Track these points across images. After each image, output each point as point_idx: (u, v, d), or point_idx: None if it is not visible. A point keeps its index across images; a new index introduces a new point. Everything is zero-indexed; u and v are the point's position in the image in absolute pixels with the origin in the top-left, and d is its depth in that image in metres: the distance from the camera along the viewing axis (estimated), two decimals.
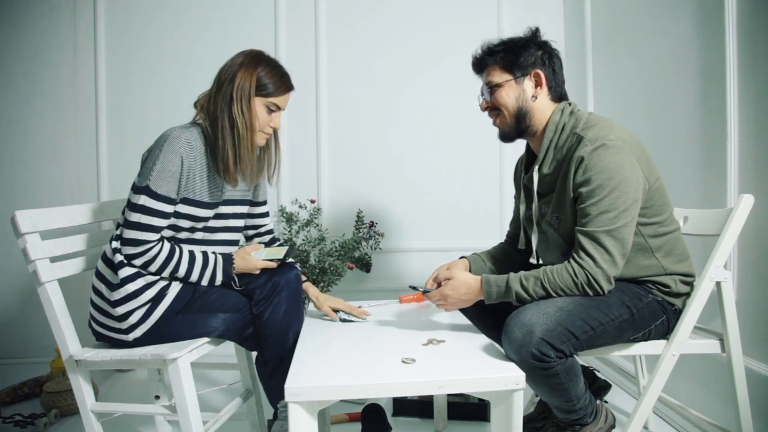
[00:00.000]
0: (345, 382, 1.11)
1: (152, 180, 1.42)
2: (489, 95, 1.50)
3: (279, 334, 1.51)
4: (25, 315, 2.64)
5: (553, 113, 1.47)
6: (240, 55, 1.54)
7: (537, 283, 1.34)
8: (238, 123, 1.48)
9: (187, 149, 1.45)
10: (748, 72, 1.62)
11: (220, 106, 1.49)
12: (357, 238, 2.53)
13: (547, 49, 1.49)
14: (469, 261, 1.66)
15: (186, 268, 1.50)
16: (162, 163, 1.42)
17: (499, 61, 1.48)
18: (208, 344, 1.53)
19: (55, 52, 2.73)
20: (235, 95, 1.48)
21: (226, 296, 1.55)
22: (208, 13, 2.77)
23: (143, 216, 1.42)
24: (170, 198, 1.45)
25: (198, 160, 1.48)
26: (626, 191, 1.31)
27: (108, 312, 1.46)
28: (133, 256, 1.44)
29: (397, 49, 2.78)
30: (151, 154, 1.46)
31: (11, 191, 2.71)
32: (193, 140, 1.47)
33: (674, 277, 1.43)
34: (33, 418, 2.01)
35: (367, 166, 2.80)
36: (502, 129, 1.52)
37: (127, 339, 1.46)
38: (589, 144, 1.34)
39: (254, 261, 1.56)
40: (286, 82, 1.56)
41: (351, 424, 1.93)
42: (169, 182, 1.43)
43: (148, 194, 1.42)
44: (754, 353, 1.60)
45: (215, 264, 1.54)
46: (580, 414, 1.40)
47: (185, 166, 1.45)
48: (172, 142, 1.43)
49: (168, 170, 1.42)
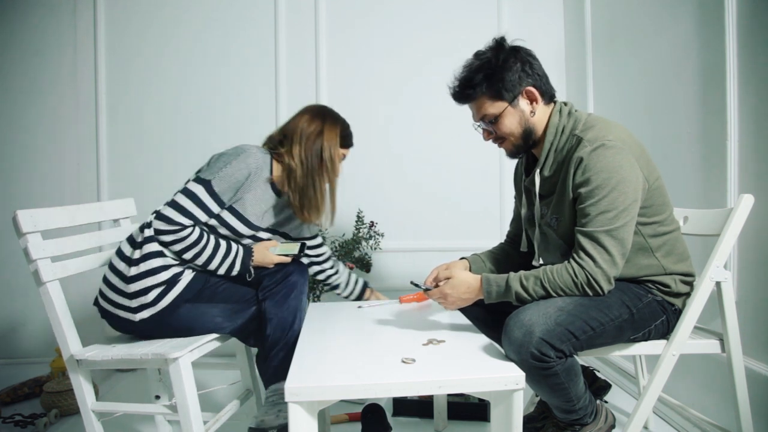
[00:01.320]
0: (345, 382, 1.11)
1: (216, 178, 1.52)
2: (491, 127, 1.47)
3: (280, 320, 1.56)
4: (25, 315, 2.64)
5: (551, 116, 1.46)
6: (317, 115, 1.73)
7: (537, 283, 1.34)
8: (329, 168, 1.69)
9: (256, 166, 1.56)
10: (748, 72, 1.62)
11: (310, 153, 1.65)
12: (357, 238, 2.53)
13: (522, 57, 1.43)
14: (469, 262, 1.66)
15: (209, 255, 1.56)
16: (232, 168, 1.52)
17: (486, 91, 1.42)
18: (211, 342, 1.54)
19: (55, 52, 2.73)
20: (325, 144, 1.68)
21: (235, 289, 1.62)
22: (208, 13, 2.77)
23: (191, 203, 1.51)
24: (221, 200, 1.54)
25: (261, 181, 1.59)
26: (625, 191, 1.31)
27: (121, 289, 1.50)
28: (163, 232, 1.50)
29: (398, 49, 2.78)
30: (224, 156, 1.55)
31: (11, 191, 2.72)
32: (265, 162, 1.60)
33: (674, 276, 1.43)
34: (33, 418, 2.01)
35: (367, 166, 2.79)
36: (510, 151, 1.51)
37: (133, 318, 1.49)
38: (588, 145, 1.34)
39: (271, 255, 1.66)
40: (352, 135, 1.80)
41: (351, 424, 1.93)
42: (228, 186, 1.53)
43: (206, 187, 1.52)
44: (754, 353, 1.60)
45: (236, 255, 1.61)
46: (580, 414, 1.40)
47: (248, 181, 1.55)
48: (248, 156, 1.55)
49: (233, 176, 1.53)
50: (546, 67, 1.48)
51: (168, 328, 1.52)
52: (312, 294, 2.45)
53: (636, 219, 1.35)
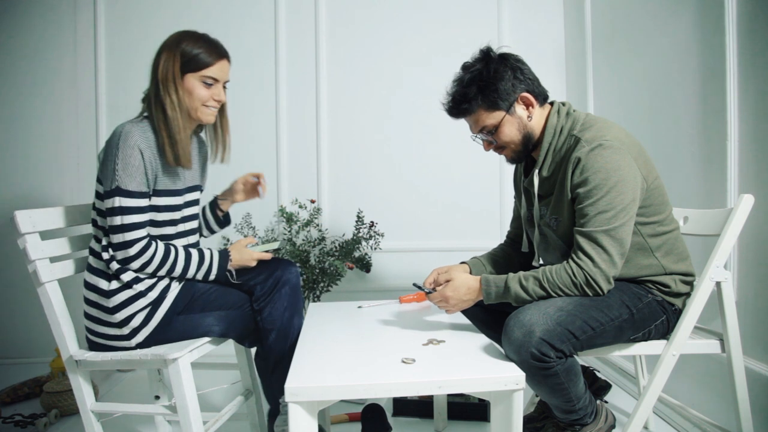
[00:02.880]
0: (345, 382, 1.11)
1: (119, 179, 1.39)
2: (490, 137, 1.47)
3: (280, 330, 1.52)
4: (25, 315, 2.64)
5: (549, 117, 1.46)
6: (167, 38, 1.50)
7: (536, 283, 1.34)
8: (167, 106, 1.45)
9: (142, 141, 1.41)
10: (748, 72, 1.62)
11: (152, 94, 1.48)
12: (357, 238, 2.53)
13: (512, 65, 1.43)
14: (470, 266, 1.65)
15: (183, 266, 1.49)
16: (123, 160, 1.39)
17: (482, 104, 1.42)
18: (208, 344, 1.53)
19: (55, 52, 2.73)
20: (160, 78, 1.45)
21: (227, 294, 1.55)
22: (208, 13, 2.77)
23: (124, 217, 1.40)
24: (142, 192, 1.43)
25: (154, 150, 1.45)
26: (623, 191, 1.31)
27: (106, 321, 1.44)
28: (128, 260, 1.42)
29: (398, 50, 2.78)
30: (108, 154, 1.41)
31: (11, 191, 2.71)
32: (145, 131, 1.44)
33: (674, 276, 1.43)
34: (33, 418, 2.01)
35: (367, 166, 2.80)
36: (511, 158, 1.52)
37: (129, 345, 1.45)
38: (586, 145, 1.34)
39: (250, 252, 1.57)
40: (215, 50, 1.50)
41: (351, 424, 1.93)
42: (136, 177, 1.40)
43: (120, 194, 1.39)
44: (754, 353, 1.60)
45: (211, 260, 1.54)
46: (580, 414, 1.40)
47: (146, 158, 1.42)
48: (126, 137, 1.40)
49: (131, 165, 1.39)
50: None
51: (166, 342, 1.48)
52: (312, 294, 2.45)
53: (635, 219, 1.35)
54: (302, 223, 2.65)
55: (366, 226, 2.58)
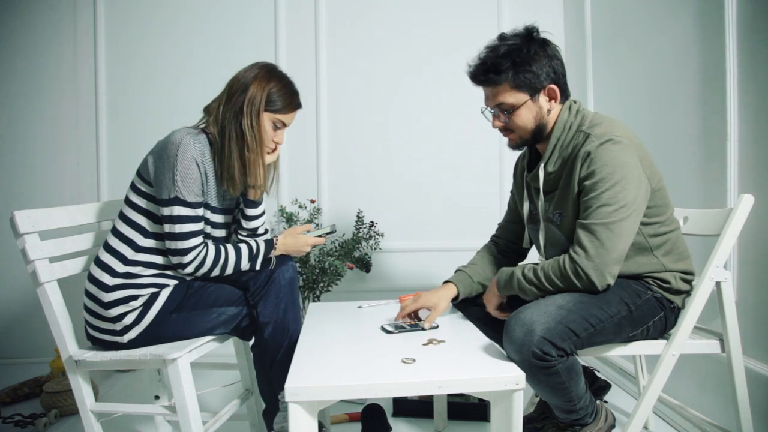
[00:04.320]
0: (345, 382, 1.11)
1: (180, 189, 1.44)
2: (505, 117, 1.44)
3: (276, 323, 1.53)
4: (25, 315, 2.64)
5: (561, 112, 1.46)
6: (254, 68, 1.54)
7: (531, 270, 1.38)
8: (248, 136, 1.50)
9: (199, 155, 1.47)
10: (748, 72, 1.62)
11: (229, 115, 1.51)
12: (357, 238, 2.53)
13: (551, 53, 1.41)
14: (456, 284, 1.62)
15: (233, 263, 1.54)
16: (182, 171, 1.43)
17: (511, 80, 1.39)
18: (209, 342, 1.53)
19: (55, 52, 2.73)
20: (245, 108, 1.50)
21: (220, 290, 1.56)
22: (208, 13, 2.77)
23: (184, 225, 1.45)
24: (200, 202, 1.49)
25: (209, 166, 1.51)
26: (627, 187, 1.31)
27: (101, 315, 1.46)
28: (183, 266, 1.47)
29: (397, 49, 2.78)
30: (165, 163, 1.44)
31: (11, 191, 2.71)
32: (200, 146, 1.49)
33: (674, 273, 1.43)
34: (33, 418, 2.01)
35: (367, 166, 2.80)
36: (515, 143, 1.50)
37: (122, 341, 1.46)
38: (596, 139, 1.34)
39: (305, 238, 1.65)
40: (295, 100, 1.58)
41: (351, 424, 1.93)
42: (193, 189, 1.46)
43: (180, 204, 1.44)
44: (754, 353, 1.60)
45: (257, 251, 1.58)
46: (580, 414, 1.40)
47: (202, 171, 1.48)
48: (185, 150, 1.44)
49: (190, 177, 1.45)
50: None
51: (160, 341, 1.49)
52: (312, 294, 2.45)
53: (640, 217, 1.35)
54: (302, 223, 2.65)
55: (366, 226, 2.58)
